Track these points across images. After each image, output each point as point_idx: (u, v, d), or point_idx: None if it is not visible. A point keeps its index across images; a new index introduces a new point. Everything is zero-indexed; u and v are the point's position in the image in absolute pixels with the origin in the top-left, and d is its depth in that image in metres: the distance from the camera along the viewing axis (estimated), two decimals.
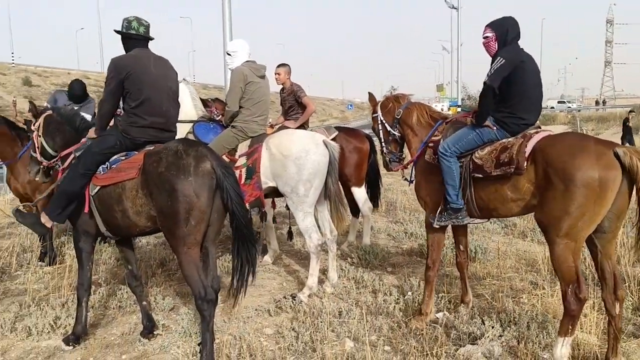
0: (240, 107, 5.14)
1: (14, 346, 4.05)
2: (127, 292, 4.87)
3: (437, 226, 4.07)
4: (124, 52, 4.01)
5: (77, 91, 6.92)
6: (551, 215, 3.34)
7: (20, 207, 4.76)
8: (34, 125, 4.41)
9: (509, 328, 3.87)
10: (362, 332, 3.94)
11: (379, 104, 4.70)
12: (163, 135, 3.97)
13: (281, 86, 6.46)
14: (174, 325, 4.28)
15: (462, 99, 45.64)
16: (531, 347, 3.62)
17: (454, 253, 5.81)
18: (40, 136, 4.32)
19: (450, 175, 3.87)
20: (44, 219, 3.98)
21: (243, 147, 5.10)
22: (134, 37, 3.95)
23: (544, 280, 4.83)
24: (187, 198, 3.36)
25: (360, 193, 6.27)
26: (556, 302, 4.26)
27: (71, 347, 3.97)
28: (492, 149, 3.74)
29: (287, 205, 5.19)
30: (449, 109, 38.80)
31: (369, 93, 4.91)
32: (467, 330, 3.92)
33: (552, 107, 60.22)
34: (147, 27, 4.00)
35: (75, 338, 4.01)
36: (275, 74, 6.37)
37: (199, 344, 3.72)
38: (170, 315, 4.56)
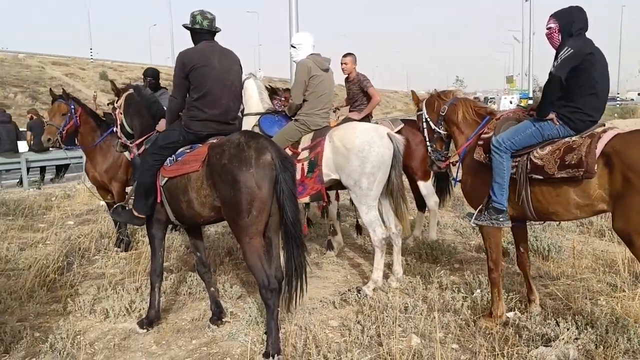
0: (303, 100, 5.16)
1: (92, 327, 4.26)
2: (196, 279, 5.02)
3: (474, 225, 3.92)
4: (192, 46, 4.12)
5: (150, 75, 7.17)
6: (638, 223, 3.12)
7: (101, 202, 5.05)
8: (116, 102, 4.65)
9: (585, 331, 3.68)
10: (429, 329, 3.88)
11: (424, 101, 4.57)
12: (223, 128, 4.05)
13: (346, 76, 6.44)
14: (242, 313, 4.37)
15: (533, 91, 43.87)
16: (610, 352, 3.42)
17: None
18: (121, 113, 4.59)
19: (499, 173, 3.69)
20: (136, 212, 4.15)
21: (306, 140, 5.11)
22: (199, 31, 4.05)
23: (624, 282, 4.56)
24: (249, 189, 3.43)
25: (426, 187, 6.15)
26: (637, 306, 4.01)
27: (145, 331, 4.13)
28: (555, 148, 3.52)
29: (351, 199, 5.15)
30: (519, 102, 37.42)
31: (412, 91, 4.82)
32: (540, 332, 3.75)
33: (632, 99, 56.82)
34: (211, 20, 4.08)
35: (148, 322, 4.17)
36: (342, 63, 6.37)
37: (265, 332, 3.79)
38: (238, 303, 4.66)
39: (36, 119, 13.54)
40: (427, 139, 4.51)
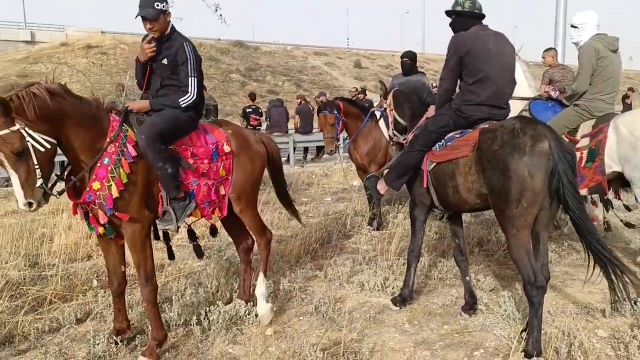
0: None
1: (350, 297, 4.56)
2: (447, 265, 5.01)
3: None
4: (453, 33, 4.02)
5: (407, 56, 7.26)
6: None
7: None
8: (386, 103, 4.87)
9: None
10: None
11: None
12: (496, 112, 3.90)
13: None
14: (495, 306, 4.19)
15: None
16: None
17: None
18: (392, 110, 4.74)
19: None
20: (381, 185, 4.35)
21: (586, 128, 4.61)
22: (460, 13, 3.96)
23: None
24: (521, 178, 3.21)
25: None
26: None
27: (398, 308, 4.26)
28: None
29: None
30: None
31: None
32: None
33: None
34: (474, 2, 3.95)
35: (402, 300, 4.29)
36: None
37: (522, 331, 3.58)
38: (491, 295, 4.48)
39: (304, 104, 15.06)
40: None
